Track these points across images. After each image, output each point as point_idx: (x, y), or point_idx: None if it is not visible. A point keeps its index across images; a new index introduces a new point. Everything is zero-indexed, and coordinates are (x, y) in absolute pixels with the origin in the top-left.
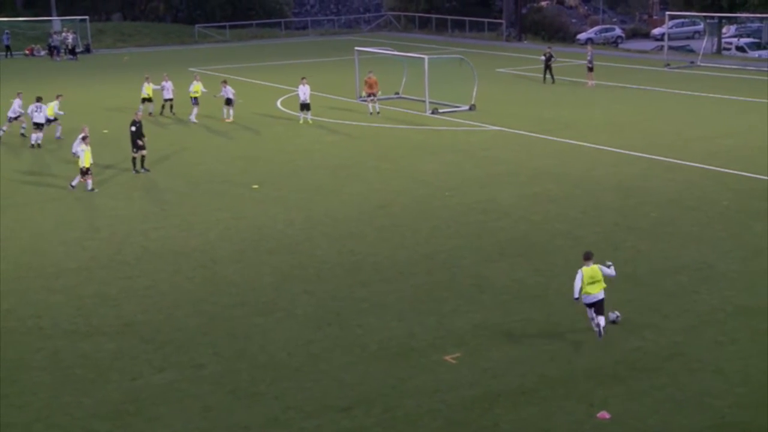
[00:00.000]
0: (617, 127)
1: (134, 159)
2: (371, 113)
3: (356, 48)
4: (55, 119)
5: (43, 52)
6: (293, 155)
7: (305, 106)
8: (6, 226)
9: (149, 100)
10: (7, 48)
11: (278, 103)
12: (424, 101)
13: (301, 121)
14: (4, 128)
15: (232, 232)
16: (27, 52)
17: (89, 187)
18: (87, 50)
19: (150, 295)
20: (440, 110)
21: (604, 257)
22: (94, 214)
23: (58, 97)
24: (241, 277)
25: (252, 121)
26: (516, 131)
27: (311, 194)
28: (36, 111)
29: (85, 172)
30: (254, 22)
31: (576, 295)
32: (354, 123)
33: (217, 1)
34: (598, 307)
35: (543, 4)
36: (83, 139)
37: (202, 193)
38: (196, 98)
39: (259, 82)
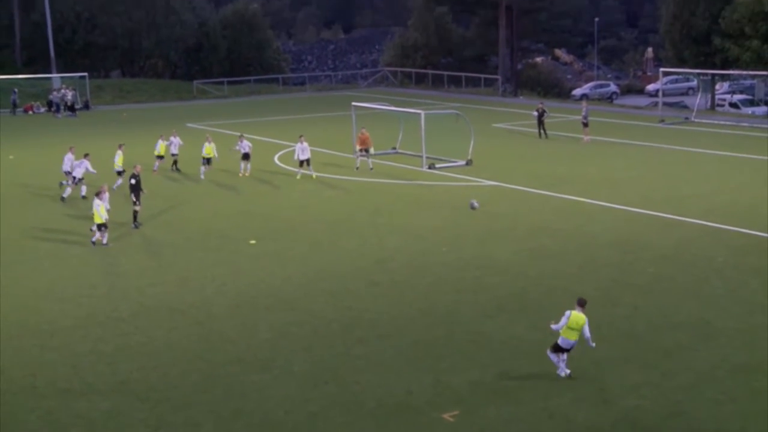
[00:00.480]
0: (613, 183)
1: (135, 212)
2: (357, 168)
3: (353, 103)
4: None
5: (42, 109)
6: (290, 210)
7: (304, 162)
8: (2, 284)
9: (161, 157)
10: (14, 105)
11: (276, 159)
12: (420, 156)
13: (299, 177)
14: (70, 185)
15: (229, 288)
16: (26, 109)
17: (105, 242)
18: (86, 107)
19: (146, 353)
20: (437, 165)
21: (602, 314)
22: (91, 270)
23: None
24: (238, 333)
25: (250, 176)
26: (512, 186)
27: (308, 250)
28: (78, 166)
29: (100, 227)
30: (252, 77)
31: (556, 328)
32: (351, 178)
33: (216, 58)
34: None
35: (538, 60)
36: (98, 195)
37: (198, 248)
38: (208, 159)
39: (256, 137)
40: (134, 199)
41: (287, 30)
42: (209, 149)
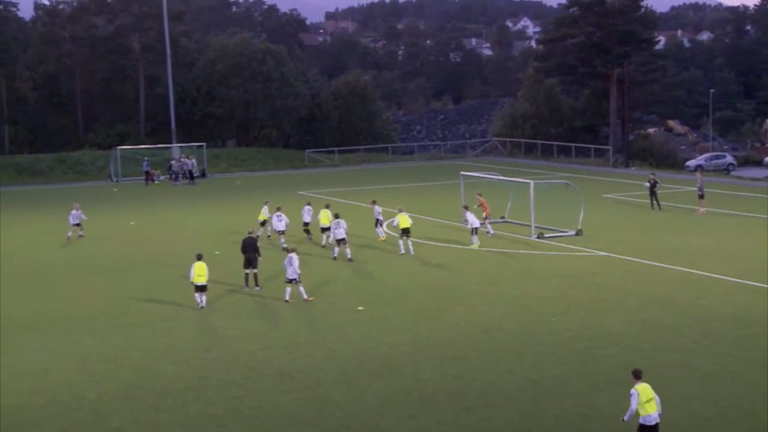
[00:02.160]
0: (728, 255)
1: (246, 275)
2: (491, 233)
3: (462, 172)
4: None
5: (162, 177)
6: (398, 277)
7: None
8: (119, 346)
9: (264, 223)
10: (146, 173)
11: (384, 226)
12: (529, 226)
13: (402, 251)
14: (269, 233)
15: (337, 354)
16: (147, 177)
17: (202, 305)
18: (203, 175)
19: (256, 416)
20: (546, 235)
21: (721, 390)
22: (204, 334)
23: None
24: (346, 399)
25: (359, 243)
26: (623, 257)
27: (415, 317)
28: (277, 220)
29: (201, 289)
30: (362, 147)
31: (630, 414)
32: (458, 246)
33: (327, 127)
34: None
35: (650, 131)
36: (199, 257)
37: (308, 313)
38: (328, 227)
39: (365, 205)
40: (249, 263)
41: (397, 100)
42: (325, 217)
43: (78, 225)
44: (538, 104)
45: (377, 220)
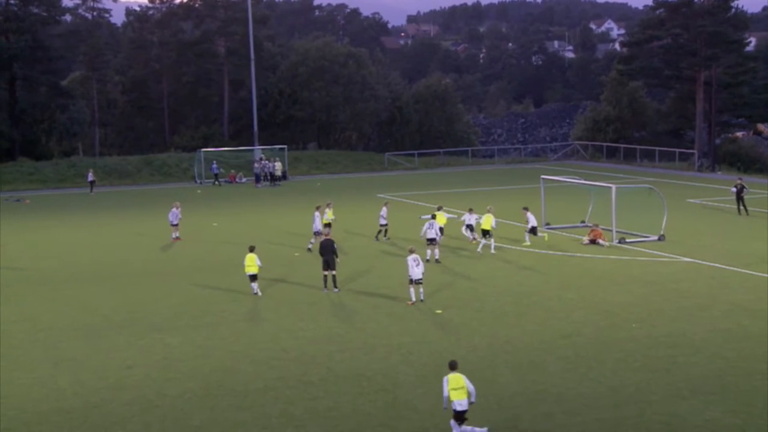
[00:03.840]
0: None
1: (325, 277)
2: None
3: (542, 176)
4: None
5: (244, 179)
6: (476, 281)
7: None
8: (201, 345)
9: (329, 225)
10: (216, 176)
11: (462, 229)
12: (611, 230)
13: (480, 249)
14: (312, 241)
15: (414, 357)
16: (229, 179)
17: (255, 291)
18: (284, 177)
19: (333, 417)
20: (627, 240)
21: None
22: (283, 335)
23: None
24: (422, 402)
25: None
26: (708, 263)
27: (493, 320)
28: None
29: (252, 278)
30: (442, 150)
31: (445, 399)
32: (538, 251)
33: (407, 131)
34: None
35: (738, 134)
36: (251, 249)
37: (385, 315)
38: (441, 228)
39: (445, 207)
40: (327, 265)
41: (478, 104)
42: (442, 217)
43: (176, 225)
44: (622, 107)
45: (468, 225)
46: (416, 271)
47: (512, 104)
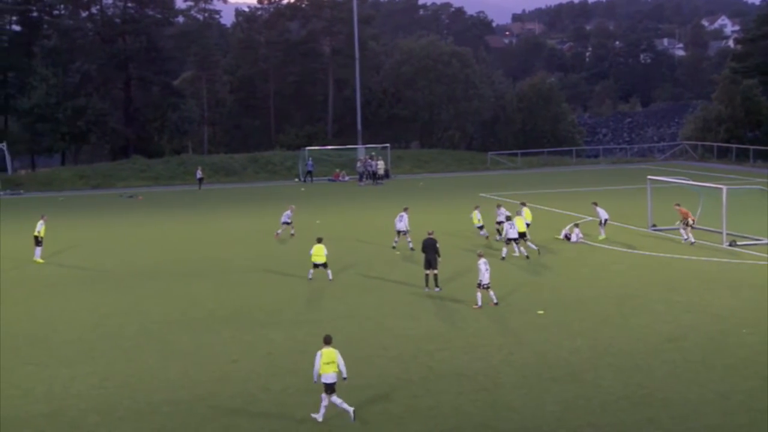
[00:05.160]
0: None
1: (426, 276)
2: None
3: (649, 177)
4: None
5: (347, 178)
6: (579, 282)
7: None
8: (302, 340)
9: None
10: (309, 173)
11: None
12: (720, 233)
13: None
14: (397, 240)
15: (516, 357)
16: (333, 177)
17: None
18: (386, 175)
19: (433, 416)
20: (738, 242)
21: None
22: (383, 333)
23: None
24: (523, 403)
25: (540, 247)
26: None
27: (596, 323)
28: (398, 220)
29: (316, 266)
30: (546, 150)
31: (315, 372)
32: (643, 252)
33: (510, 130)
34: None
35: None
36: (319, 240)
37: (486, 315)
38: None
39: (546, 208)
40: (429, 264)
41: (583, 103)
42: (521, 221)
43: (288, 224)
44: (734, 106)
45: (604, 219)
46: (486, 275)
47: (618, 103)
